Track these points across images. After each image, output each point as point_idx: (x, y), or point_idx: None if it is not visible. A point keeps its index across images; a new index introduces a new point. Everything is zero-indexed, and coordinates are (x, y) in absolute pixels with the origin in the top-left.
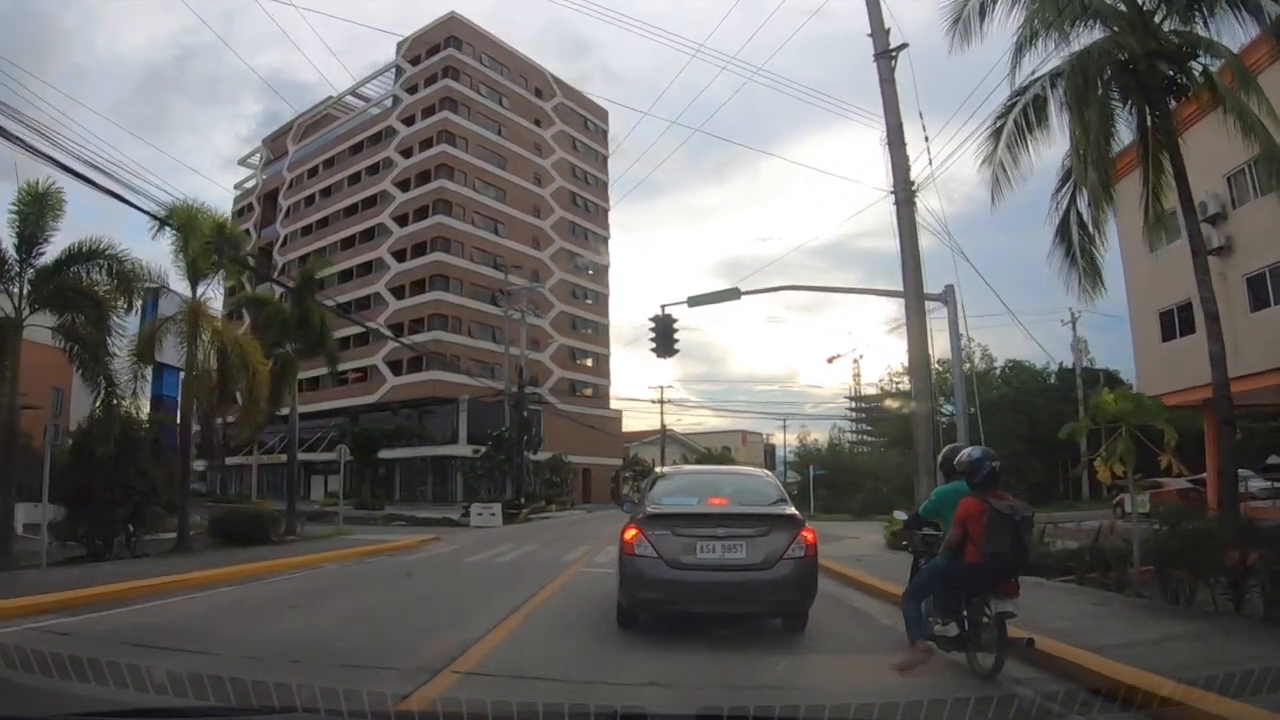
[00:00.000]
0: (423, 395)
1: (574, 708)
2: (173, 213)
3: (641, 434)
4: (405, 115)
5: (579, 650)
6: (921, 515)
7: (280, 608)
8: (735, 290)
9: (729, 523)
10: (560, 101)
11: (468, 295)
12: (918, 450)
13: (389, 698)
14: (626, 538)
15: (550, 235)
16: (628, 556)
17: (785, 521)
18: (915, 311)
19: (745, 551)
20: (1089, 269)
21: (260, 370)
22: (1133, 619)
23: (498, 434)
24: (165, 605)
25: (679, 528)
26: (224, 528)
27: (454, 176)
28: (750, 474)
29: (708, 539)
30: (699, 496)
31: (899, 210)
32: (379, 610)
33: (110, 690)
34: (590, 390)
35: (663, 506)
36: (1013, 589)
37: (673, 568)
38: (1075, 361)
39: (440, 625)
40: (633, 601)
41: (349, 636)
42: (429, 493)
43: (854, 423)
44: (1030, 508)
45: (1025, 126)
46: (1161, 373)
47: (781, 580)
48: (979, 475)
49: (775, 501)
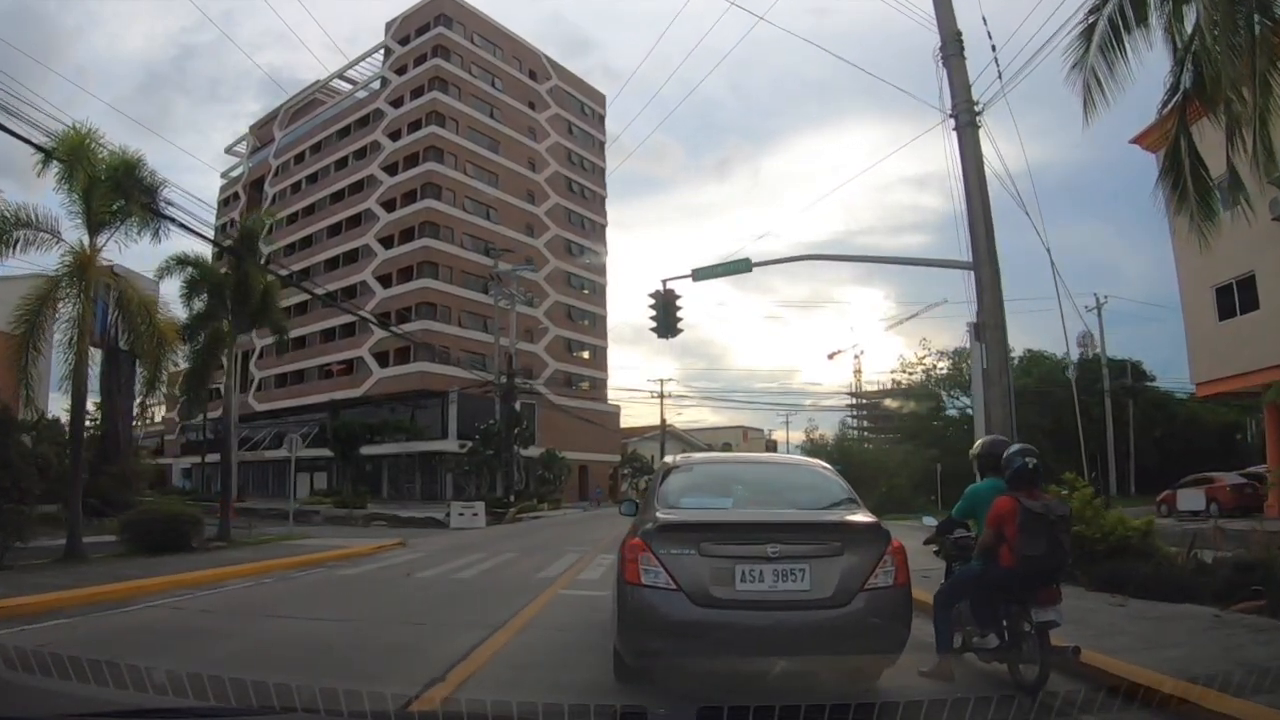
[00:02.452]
0: (411, 388)
1: (574, 708)
2: (60, 142)
3: (641, 430)
4: (394, 97)
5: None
6: (955, 516)
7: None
8: (746, 261)
9: (782, 535)
10: (555, 84)
11: (458, 283)
12: (991, 431)
13: None
14: (628, 558)
15: (545, 222)
16: (630, 586)
17: (865, 533)
18: (986, 262)
19: (809, 579)
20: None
21: (169, 339)
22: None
23: (485, 427)
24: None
25: (707, 543)
26: (136, 533)
27: (443, 159)
28: (801, 465)
29: (752, 561)
30: (732, 497)
31: (960, 135)
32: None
33: (111, 691)
34: (587, 384)
35: (681, 512)
36: (1054, 595)
37: (699, 605)
38: (1100, 351)
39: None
40: (638, 653)
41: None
42: (417, 490)
43: (855, 419)
44: (1066, 506)
45: (1121, 24)
46: (1218, 355)
47: (865, 622)
48: (1011, 472)
49: (843, 502)
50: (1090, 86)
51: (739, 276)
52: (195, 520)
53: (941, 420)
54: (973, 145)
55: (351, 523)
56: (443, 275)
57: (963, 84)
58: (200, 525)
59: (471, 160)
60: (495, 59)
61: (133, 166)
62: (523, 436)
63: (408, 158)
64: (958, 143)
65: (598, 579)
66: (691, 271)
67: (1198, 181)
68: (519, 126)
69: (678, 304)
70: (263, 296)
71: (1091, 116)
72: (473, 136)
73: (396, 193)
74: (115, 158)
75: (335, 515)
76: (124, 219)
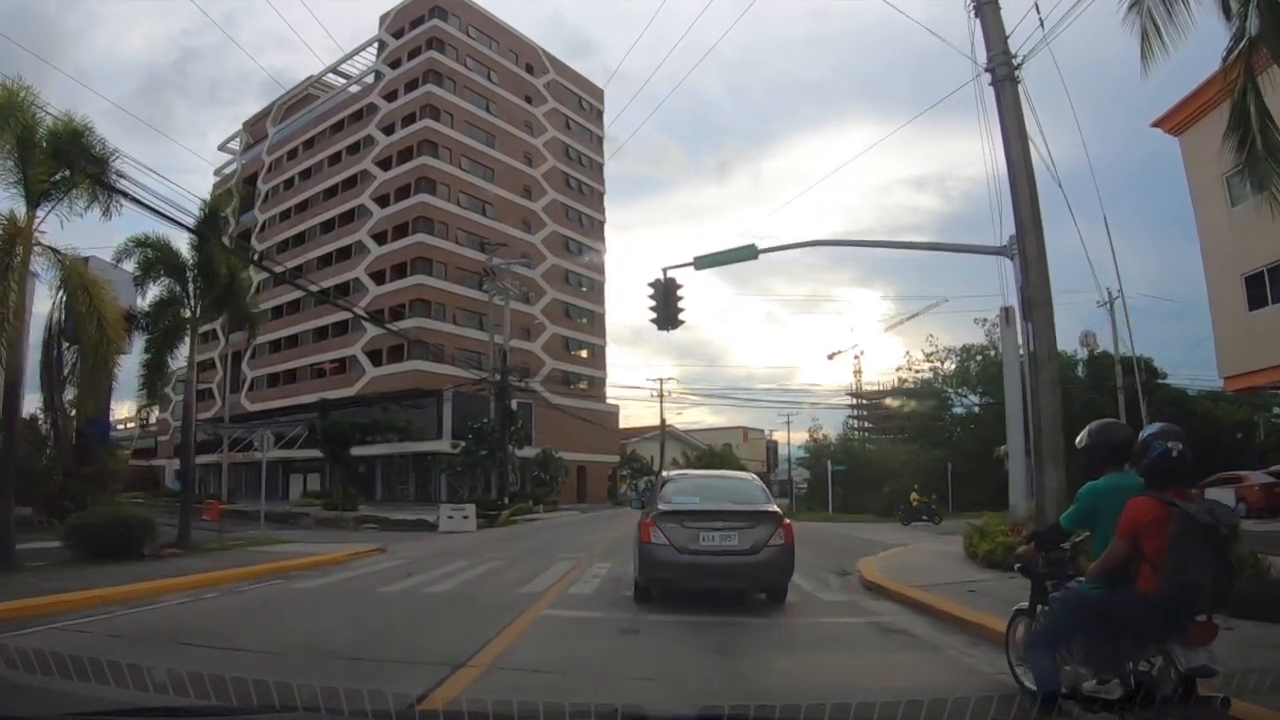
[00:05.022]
0: (405, 387)
1: (574, 707)
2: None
3: (640, 430)
4: (387, 91)
5: None
6: (1064, 525)
7: None
8: (751, 248)
9: (725, 518)
10: (553, 78)
11: (452, 280)
12: (1039, 424)
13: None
14: (643, 528)
15: (542, 218)
16: (645, 544)
17: (770, 517)
18: (1030, 228)
19: (738, 540)
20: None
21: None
22: None
23: (478, 426)
24: None
25: (686, 521)
26: (81, 538)
27: (438, 153)
28: (743, 478)
29: (709, 530)
30: (701, 496)
31: (997, 91)
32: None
33: (112, 689)
34: (586, 383)
35: (672, 504)
36: (1208, 632)
37: (681, 553)
38: (1114, 348)
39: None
40: (649, 580)
41: None
42: (411, 492)
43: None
44: (1235, 514)
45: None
46: (1248, 348)
47: (766, 563)
48: (1149, 462)
49: (762, 501)
50: (1147, 32)
51: (739, 278)
52: (146, 524)
53: (948, 419)
54: (1012, 101)
55: (341, 525)
56: (437, 271)
57: (998, 34)
58: (153, 530)
59: (466, 154)
60: (491, 52)
61: (78, 134)
62: (518, 436)
63: (401, 152)
64: (995, 99)
65: (590, 594)
66: (694, 259)
67: (1267, 138)
68: (515, 121)
69: (679, 294)
70: (229, 281)
71: (1149, 63)
72: (468, 130)
73: (390, 188)
74: (60, 124)
75: (325, 518)
76: (68, 190)
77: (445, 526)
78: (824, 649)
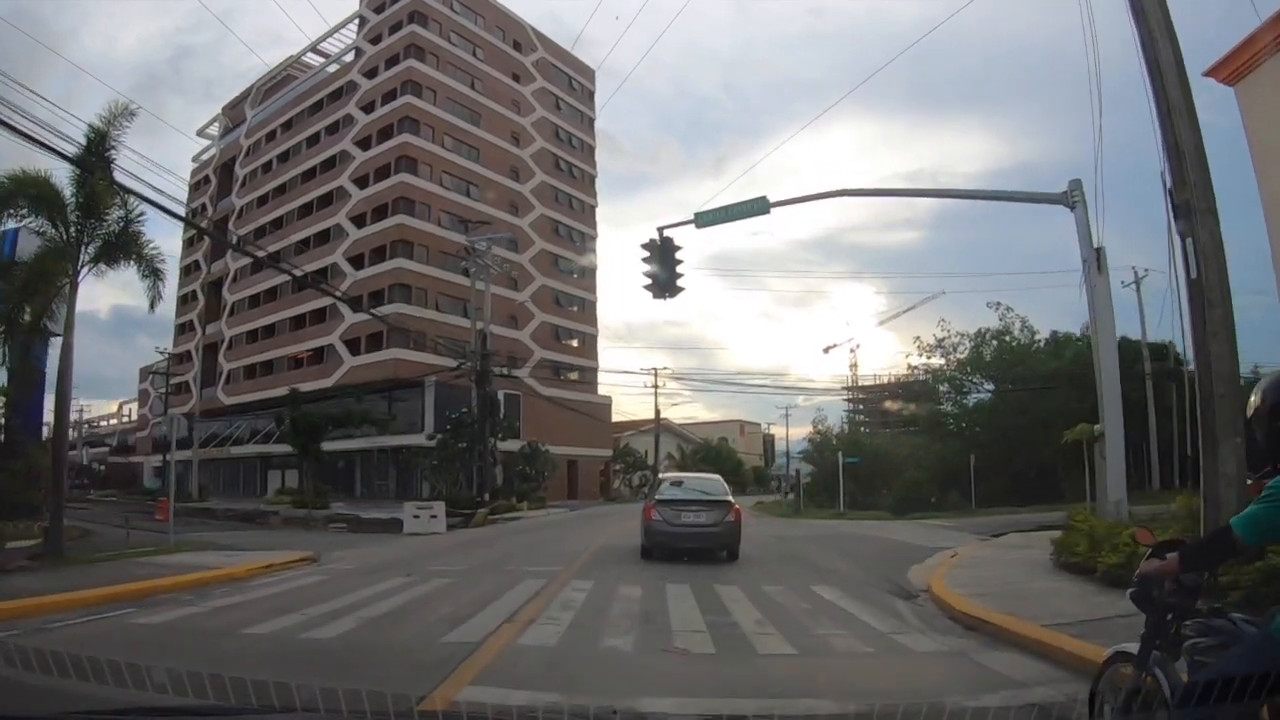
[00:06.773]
0: (384, 377)
1: (574, 708)
2: None
3: (634, 424)
4: (367, 68)
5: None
6: (1242, 533)
7: None
8: (763, 200)
9: (697, 504)
10: (542, 56)
11: (434, 263)
12: (1209, 384)
13: None
14: (646, 510)
15: (530, 200)
16: (648, 522)
17: (725, 504)
18: (1183, 111)
19: (705, 517)
20: None
21: None
22: None
23: (457, 416)
24: None
25: (673, 505)
26: None
27: (419, 131)
28: (711, 479)
29: (687, 510)
30: (682, 489)
31: None
32: None
33: (111, 689)
34: (576, 374)
35: (665, 495)
36: None
37: (670, 525)
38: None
39: None
40: (651, 544)
41: None
42: (391, 489)
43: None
44: None
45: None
46: None
47: (723, 532)
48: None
49: (721, 494)
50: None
51: (733, 274)
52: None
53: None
54: None
55: (310, 525)
56: (418, 255)
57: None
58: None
59: (450, 133)
60: (476, 27)
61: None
62: (502, 427)
63: (381, 130)
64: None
65: (552, 647)
66: (694, 215)
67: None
68: (502, 99)
69: (677, 255)
70: (125, 224)
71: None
72: (451, 108)
73: (370, 168)
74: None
75: (294, 516)
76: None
77: (411, 528)
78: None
